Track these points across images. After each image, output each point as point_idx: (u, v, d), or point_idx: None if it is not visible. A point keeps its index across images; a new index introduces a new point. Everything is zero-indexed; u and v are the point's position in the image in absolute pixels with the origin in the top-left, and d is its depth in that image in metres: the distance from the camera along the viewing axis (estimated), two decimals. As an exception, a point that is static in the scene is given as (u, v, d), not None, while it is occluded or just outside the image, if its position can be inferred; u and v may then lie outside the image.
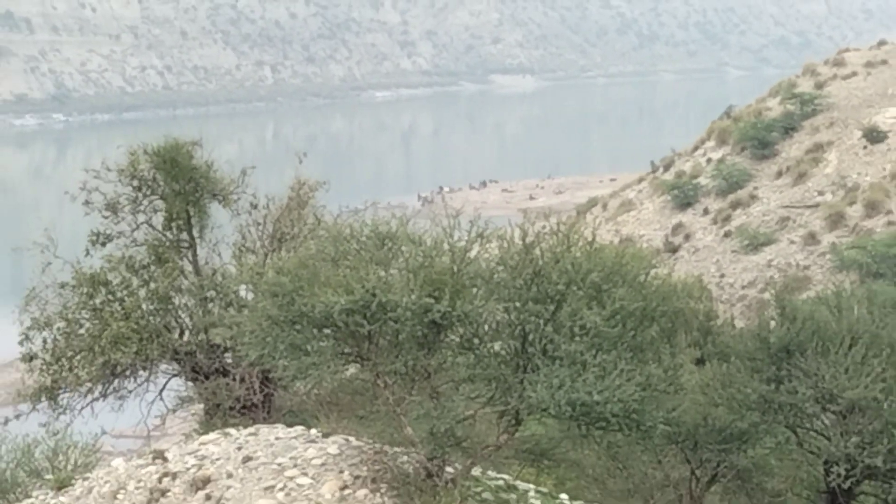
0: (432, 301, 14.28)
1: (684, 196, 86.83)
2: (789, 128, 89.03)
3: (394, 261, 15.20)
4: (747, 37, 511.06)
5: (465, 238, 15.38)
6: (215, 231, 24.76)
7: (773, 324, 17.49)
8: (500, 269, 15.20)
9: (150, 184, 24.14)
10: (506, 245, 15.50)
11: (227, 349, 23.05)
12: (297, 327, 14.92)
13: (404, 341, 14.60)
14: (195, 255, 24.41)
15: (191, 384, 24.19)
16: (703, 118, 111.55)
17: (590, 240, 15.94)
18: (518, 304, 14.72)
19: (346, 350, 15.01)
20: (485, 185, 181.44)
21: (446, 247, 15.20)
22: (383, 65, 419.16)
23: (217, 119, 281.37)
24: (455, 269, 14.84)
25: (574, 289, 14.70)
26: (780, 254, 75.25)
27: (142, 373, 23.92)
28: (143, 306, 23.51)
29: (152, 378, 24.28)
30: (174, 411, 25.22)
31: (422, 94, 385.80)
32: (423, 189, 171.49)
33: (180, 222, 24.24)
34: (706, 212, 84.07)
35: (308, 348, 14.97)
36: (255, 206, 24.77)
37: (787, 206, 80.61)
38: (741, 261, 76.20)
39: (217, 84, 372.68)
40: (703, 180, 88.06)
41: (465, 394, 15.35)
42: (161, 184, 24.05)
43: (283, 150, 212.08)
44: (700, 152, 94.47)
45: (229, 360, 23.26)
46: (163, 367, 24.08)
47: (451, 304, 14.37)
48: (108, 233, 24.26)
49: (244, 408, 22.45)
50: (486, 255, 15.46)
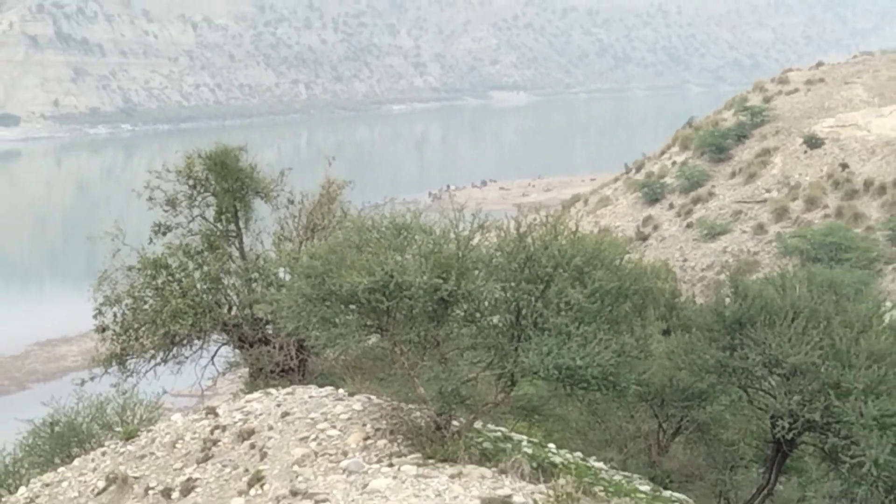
0: (441, 281, 14.24)
1: (653, 193, 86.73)
2: (741, 135, 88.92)
3: (408, 247, 15.16)
4: (706, 59, 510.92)
5: (469, 228, 15.35)
6: (258, 222, 24.76)
7: (727, 300, 17.43)
8: (498, 254, 15.16)
9: (203, 183, 24.12)
10: (502, 234, 15.46)
11: (267, 322, 23.04)
12: (327, 303, 14.90)
13: (417, 315, 14.58)
14: (241, 242, 24.41)
15: (237, 351, 24.20)
16: (669, 128, 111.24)
17: (573, 230, 15.89)
18: (513, 284, 14.69)
19: (368, 323, 14.98)
20: (485, 183, 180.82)
21: (452, 236, 15.15)
22: (399, 83, 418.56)
23: (259, 129, 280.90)
24: (460, 255, 14.80)
25: (560, 271, 14.66)
26: (733, 242, 75.10)
27: (196, 342, 23.95)
28: (198, 286, 23.53)
29: (205, 346, 24.30)
30: (223, 374, 25.24)
31: (431, 108, 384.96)
32: (433, 187, 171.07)
33: (229, 215, 24.22)
34: (671, 206, 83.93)
35: (336, 321, 14.94)
36: (291, 202, 24.77)
37: (739, 202, 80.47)
38: (701, 248, 76.07)
39: (259, 99, 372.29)
40: (668, 180, 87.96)
41: (468, 359, 15.33)
42: (212, 183, 24.02)
43: (314, 154, 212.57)
44: (666, 156, 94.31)
45: (270, 331, 23.24)
46: (214, 337, 24.10)
47: (457, 283, 14.34)
48: (167, 224, 24.27)
49: (282, 371, 22.45)
50: (486, 243, 15.44)
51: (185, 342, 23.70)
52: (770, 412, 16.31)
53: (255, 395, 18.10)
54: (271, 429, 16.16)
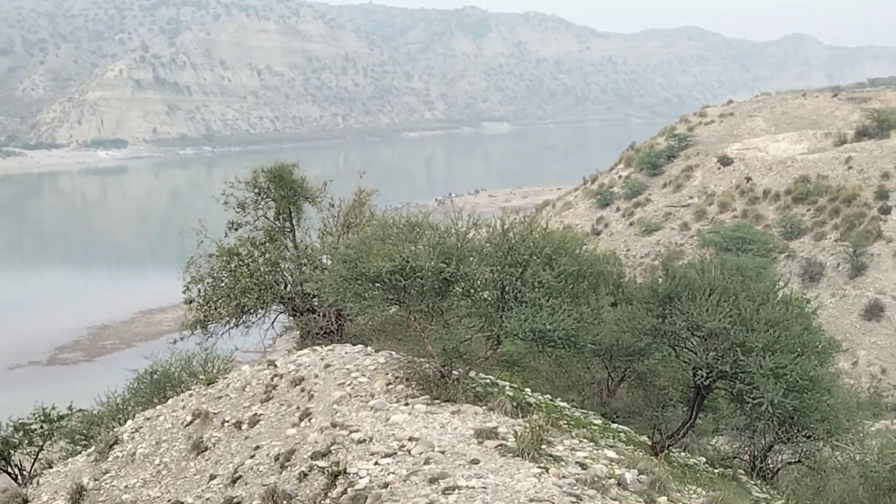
0: (444, 265, 14.25)
1: (604, 199, 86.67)
2: (671, 156, 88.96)
3: (419, 240, 15.15)
4: (644, 98, 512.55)
5: (465, 226, 15.34)
6: (306, 221, 24.70)
7: (660, 280, 17.39)
8: (487, 245, 15.14)
9: (265, 191, 24.05)
10: (491, 230, 15.47)
11: (314, 296, 22.99)
12: (359, 282, 14.89)
13: (426, 291, 14.56)
14: (294, 236, 24.35)
15: (291, 318, 24.15)
16: (616, 150, 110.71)
17: (544, 227, 15.96)
18: (498, 268, 14.67)
19: (390, 297, 14.97)
20: (477, 192, 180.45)
21: (453, 231, 15.14)
22: (413, 115, 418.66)
23: (307, 150, 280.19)
24: (459, 246, 14.78)
25: (534, 258, 14.64)
26: (664, 236, 75.04)
27: (260, 311, 23.87)
28: (261, 269, 23.45)
29: (267, 315, 24.24)
30: (280, 336, 25.19)
31: (437, 134, 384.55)
32: (438, 194, 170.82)
33: (285, 215, 24.15)
34: (618, 209, 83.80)
35: (365, 295, 14.95)
36: (332, 205, 24.64)
37: (669, 206, 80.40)
38: (640, 241, 76.01)
39: (307, 128, 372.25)
40: (616, 189, 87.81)
41: (465, 325, 15.32)
42: (272, 191, 23.96)
43: (349, 169, 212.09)
44: (614, 171, 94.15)
45: (315, 303, 23.19)
46: (273, 307, 24.01)
47: (456, 267, 14.34)
48: (238, 222, 24.19)
49: (325, 333, 22.42)
50: (478, 237, 15.41)
51: (251, 311, 23.63)
52: (692, 365, 16.30)
53: (304, 351, 18.11)
54: (316, 377, 16.17)
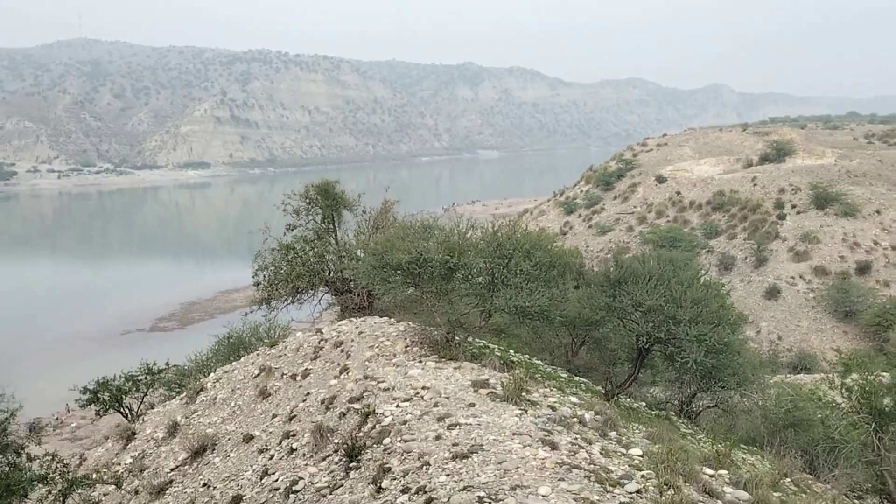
0: (449, 257, 14.24)
1: (569, 208, 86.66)
2: (620, 175, 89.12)
3: (430, 238, 15.16)
4: (600, 131, 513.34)
5: (465, 228, 15.35)
6: (345, 224, 24.69)
7: (611, 269, 17.41)
8: (482, 242, 15.15)
9: (314, 201, 24.00)
10: (484, 231, 15.48)
11: (351, 280, 23.00)
12: (385, 270, 14.90)
13: (436, 276, 14.56)
14: (336, 235, 24.34)
15: (334, 297, 24.18)
16: (579, 171, 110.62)
17: (524, 229, 15.92)
18: (490, 260, 14.68)
19: (408, 281, 14.97)
20: (474, 202, 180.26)
21: (455, 232, 15.15)
22: (425, 144, 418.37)
23: (346, 171, 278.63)
24: (460, 242, 14.78)
25: (517, 252, 14.65)
26: (615, 236, 74.92)
27: (310, 291, 23.87)
28: (311, 259, 23.47)
29: (315, 294, 24.24)
30: (325, 310, 25.20)
31: (443, 159, 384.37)
32: (445, 204, 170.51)
33: (329, 220, 24.14)
34: (580, 216, 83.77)
35: (389, 280, 14.95)
36: (364, 212, 24.59)
37: (618, 213, 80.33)
38: (596, 239, 75.90)
39: (346, 154, 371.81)
40: (578, 200, 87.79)
41: (465, 302, 15.33)
42: (319, 201, 23.94)
43: (377, 185, 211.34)
44: (577, 187, 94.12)
45: (352, 285, 23.20)
46: (320, 288, 24.03)
47: (458, 259, 14.33)
48: (294, 224, 24.14)
49: (359, 309, 22.43)
50: (475, 236, 15.43)
51: (303, 291, 23.62)
52: (635, 333, 16.32)
53: (343, 321, 18.14)
54: (353, 341, 16.19)
